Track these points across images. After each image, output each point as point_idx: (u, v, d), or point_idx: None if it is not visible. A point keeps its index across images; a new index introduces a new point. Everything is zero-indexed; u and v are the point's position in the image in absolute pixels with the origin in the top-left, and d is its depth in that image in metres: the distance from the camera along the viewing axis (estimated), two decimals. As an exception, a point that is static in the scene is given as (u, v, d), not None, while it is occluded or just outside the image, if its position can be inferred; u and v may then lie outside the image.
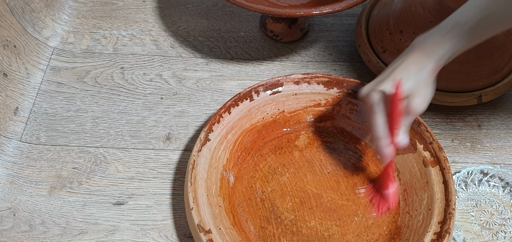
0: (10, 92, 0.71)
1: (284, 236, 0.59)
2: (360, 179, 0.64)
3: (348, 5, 0.69)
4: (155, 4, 0.88)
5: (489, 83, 0.70)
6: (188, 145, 0.69)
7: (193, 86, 0.76)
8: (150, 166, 0.67)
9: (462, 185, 0.64)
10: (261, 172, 0.64)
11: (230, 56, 0.80)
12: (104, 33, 0.83)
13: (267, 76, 0.78)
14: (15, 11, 0.76)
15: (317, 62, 0.80)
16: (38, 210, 0.62)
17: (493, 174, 0.64)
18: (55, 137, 0.70)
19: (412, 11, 0.72)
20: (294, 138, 0.68)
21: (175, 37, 0.83)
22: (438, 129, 0.71)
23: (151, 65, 0.79)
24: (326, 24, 0.86)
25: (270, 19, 0.83)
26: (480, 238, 0.60)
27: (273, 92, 0.67)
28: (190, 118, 0.72)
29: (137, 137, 0.70)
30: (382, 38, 0.74)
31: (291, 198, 0.62)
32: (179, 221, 0.62)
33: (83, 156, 0.68)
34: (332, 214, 0.61)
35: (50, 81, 0.76)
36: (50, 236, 0.60)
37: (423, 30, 0.70)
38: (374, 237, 0.59)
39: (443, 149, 0.61)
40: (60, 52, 0.80)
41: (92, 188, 0.65)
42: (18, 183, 0.65)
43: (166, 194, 0.64)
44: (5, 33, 0.73)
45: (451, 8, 0.68)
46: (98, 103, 0.74)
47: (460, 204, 0.63)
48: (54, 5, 0.84)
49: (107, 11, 0.87)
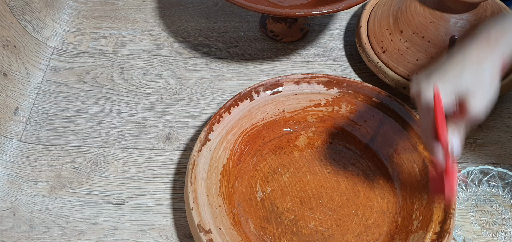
0: (10, 92, 0.71)
1: (284, 236, 0.59)
2: (360, 179, 0.64)
3: (348, 5, 0.69)
4: (155, 4, 0.88)
5: (489, 83, 0.69)
6: (188, 145, 0.69)
7: (193, 86, 0.76)
8: (150, 166, 0.67)
9: (462, 185, 0.64)
10: (261, 172, 0.64)
11: (230, 56, 0.80)
12: (104, 33, 0.83)
13: (267, 76, 0.78)
14: (15, 11, 0.76)
15: (317, 62, 0.80)
16: (38, 210, 0.62)
17: (493, 174, 0.64)
18: (55, 137, 0.70)
19: (412, 11, 0.72)
20: (294, 138, 0.68)
21: (175, 37, 0.83)
22: (438, 129, 0.71)
23: (151, 65, 0.79)
24: (326, 24, 0.86)
25: (270, 19, 0.83)
26: (480, 238, 0.60)
27: (273, 92, 0.67)
28: (190, 118, 0.72)
29: (137, 137, 0.70)
30: (382, 38, 0.74)
31: (291, 198, 0.62)
32: (179, 221, 0.62)
33: (83, 156, 0.68)
34: (332, 214, 0.61)
35: (50, 81, 0.76)
36: (50, 236, 0.60)
37: (423, 30, 0.70)
38: (374, 237, 0.59)
39: (443, 149, 0.61)
40: (60, 52, 0.80)
41: (92, 188, 0.65)
42: (18, 183, 0.65)
43: (166, 194, 0.64)
44: (5, 33, 0.73)
45: (451, 8, 0.69)
46: (98, 103, 0.74)
47: (460, 204, 0.63)
48: (54, 5, 0.84)
49: (107, 11, 0.87)
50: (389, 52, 0.73)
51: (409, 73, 0.71)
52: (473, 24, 0.69)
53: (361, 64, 0.79)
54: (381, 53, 0.74)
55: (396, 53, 0.72)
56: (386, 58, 0.73)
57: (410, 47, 0.71)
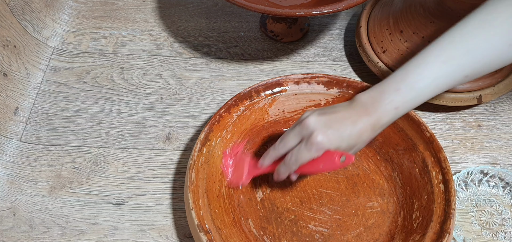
0: (10, 92, 0.71)
1: (284, 236, 0.59)
2: (360, 179, 0.64)
3: (348, 5, 0.69)
4: (155, 4, 0.88)
5: (489, 83, 0.70)
6: (188, 145, 0.69)
7: (193, 86, 0.76)
8: (150, 166, 0.67)
9: (462, 185, 0.64)
10: (261, 172, 0.64)
11: (230, 56, 0.80)
12: (104, 33, 0.83)
13: (267, 76, 0.78)
14: (15, 11, 0.76)
15: (317, 62, 0.80)
16: (38, 210, 0.62)
17: (493, 174, 0.64)
18: (55, 137, 0.70)
19: (412, 11, 0.72)
20: (294, 138, 0.67)
21: (175, 37, 0.83)
22: (438, 129, 0.71)
23: (151, 65, 0.79)
24: (326, 24, 0.86)
25: (270, 19, 0.83)
26: (480, 238, 0.60)
27: (273, 92, 0.67)
28: (190, 118, 0.72)
29: (137, 137, 0.70)
30: (382, 38, 0.74)
31: (291, 198, 0.62)
32: (179, 221, 0.62)
33: (83, 156, 0.68)
34: (332, 214, 0.61)
35: (50, 81, 0.76)
36: (50, 236, 0.60)
37: (423, 30, 0.70)
38: (374, 237, 0.59)
39: (443, 149, 0.61)
40: (60, 52, 0.80)
41: (92, 188, 0.65)
42: (18, 183, 0.65)
43: (166, 194, 0.64)
44: (5, 33, 0.73)
45: (451, 8, 0.68)
46: (98, 103, 0.74)
47: (460, 204, 0.63)
48: (54, 5, 0.84)
49: (107, 11, 0.87)
50: (389, 52, 0.73)
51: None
52: (473, 24, 0.69)
53: (361, 64, 0.79)
54: (381, 53, 0.74)
55: (396, 53, 0.72)
56: (386, 58, 0.73)
57: (410, 47, 0.71)
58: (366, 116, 0.52)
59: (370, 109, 0.53)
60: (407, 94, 0.52)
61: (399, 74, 0.53)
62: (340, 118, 0.53)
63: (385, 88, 0.53)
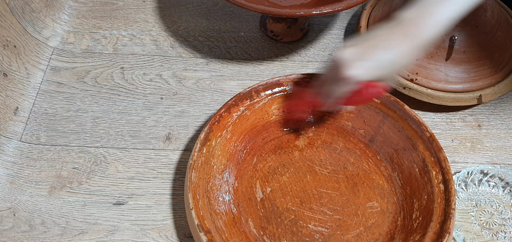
0: (10, 92, 0.71)
1: (284, 236, 0.59)
2: (360, 179, 0.64)
3: (348, 5, 0.69)
4: (155, 4, 0.88)
5: (489, 83, 0.70)
6: (188, 145, 0.69)
7: (193, 86, 0.76)
8: (150, 166, 0.67)
9: (462, 185, 0.64)
10: (261, 172, 0.64)
11: (230, 56, 0.80)
12: (104, 33, 0.83)
13: (267, 76, 0.78)
14: (15, 11, 0.76)
15: (317, 62, 0.80)
16: (38, 210, 0.62)
17: (493, 174, 0.64)
18: (55, 137, 0.70)
19: (412, 11, 0.72)
20: (294, 138, 0.68)
21: (175, 37, 0.83)
22: (438, 129, 0.71)
23: (151, 65, 0.79)
24: (326, 24, 0.86)
25: (270, 19, 0.83)
26: (480, 238, 0.60)
27: (273, 92, 0.67)
28: (190, 118, 0.72)
29: (137, 137, 0.70)
30: (382, 38, 0.74)
31: (291, 198, 0.62)
32: (179, 221, 0.62)
33: (83, 156, 0.68)
34: (332, 214, 0.61)
35: (50, 81, 0.76)
36: (50, 236, 0.60)
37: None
38: (374, 237, 0.59)
39: (443, 149, 0.61)
40: (60, 52, 0.80)
41: (92, 188, 0.65)
42: (18, 183, 0.65)
43: (166, 194, 0.64)
44: (5, 33, 0.73)
45: (451, 8, 0.68)
46: (98, 103, 0.74)
47: (460, 204, 0.63)
48: (54, 5, 0.84)
49: (107, 11, 0.87)
50: (389, 52, 0.73)
51: (409, 73, 0.71)
52: (473, 24, 0.69)
53: (361, 64, 0.79)
54: (381, 53, 0.73)
55: (396, 53, 0.72)
56: (386, 58, 0.73)
57: (410, 47, 0.71)
58: (408, 36, 0.51)
59: (413, 26, 0.51)
60: (451, 3, 0.51)
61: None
62: (376, 45, 0.51)
63: (426, 2, 0.51)
